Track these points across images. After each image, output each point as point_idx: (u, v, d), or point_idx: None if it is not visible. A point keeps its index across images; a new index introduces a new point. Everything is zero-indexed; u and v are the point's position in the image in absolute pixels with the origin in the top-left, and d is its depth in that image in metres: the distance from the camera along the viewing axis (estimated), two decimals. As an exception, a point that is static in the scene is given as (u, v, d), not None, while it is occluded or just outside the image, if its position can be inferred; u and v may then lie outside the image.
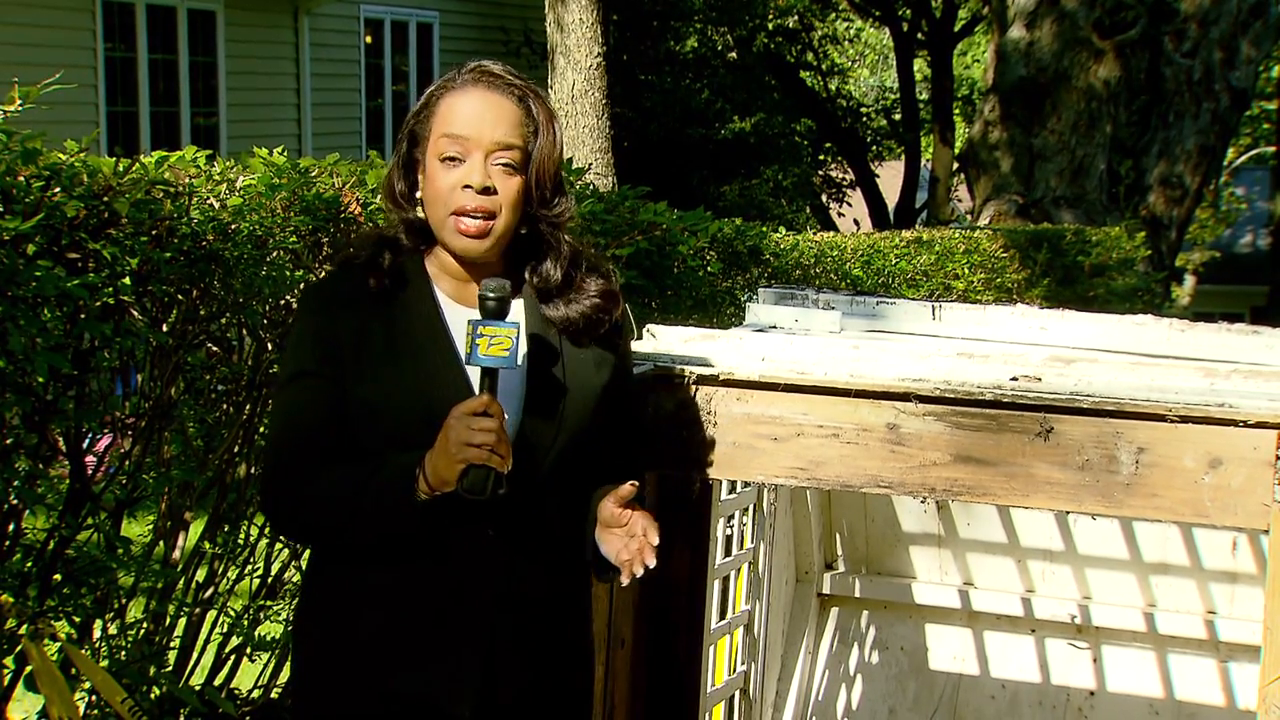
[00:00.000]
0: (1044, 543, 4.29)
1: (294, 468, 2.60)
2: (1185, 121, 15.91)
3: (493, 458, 2.46)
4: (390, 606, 2.62)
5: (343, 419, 2.59)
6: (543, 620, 2.69)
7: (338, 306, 2.65)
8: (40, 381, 3.48)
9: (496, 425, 2.46)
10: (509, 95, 2.63)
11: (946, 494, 2.90)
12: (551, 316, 2.69)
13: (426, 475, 2.49)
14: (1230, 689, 4.19)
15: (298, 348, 2.69)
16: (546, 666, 2.72)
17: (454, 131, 2.58)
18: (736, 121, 20.92)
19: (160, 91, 13.96)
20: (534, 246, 2.70)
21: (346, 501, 2.57)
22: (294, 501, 2.62)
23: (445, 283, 2.68)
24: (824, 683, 4.48)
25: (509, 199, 2.60)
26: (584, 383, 2.69)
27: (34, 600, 3.59)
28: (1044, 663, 4.37)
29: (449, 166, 2.58)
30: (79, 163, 3.54)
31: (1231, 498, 2.68)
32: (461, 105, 2.61)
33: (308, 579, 2.81)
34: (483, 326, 2.49)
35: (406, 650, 2.62)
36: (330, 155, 4.54)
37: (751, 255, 7.07)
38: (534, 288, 2.70)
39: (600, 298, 2.71)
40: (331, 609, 2.69)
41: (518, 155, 2.60)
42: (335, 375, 2.60)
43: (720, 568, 3.79)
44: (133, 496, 3.99)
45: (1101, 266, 13.18)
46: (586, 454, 2.70)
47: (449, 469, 2.47)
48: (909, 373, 2.93)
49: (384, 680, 2.63)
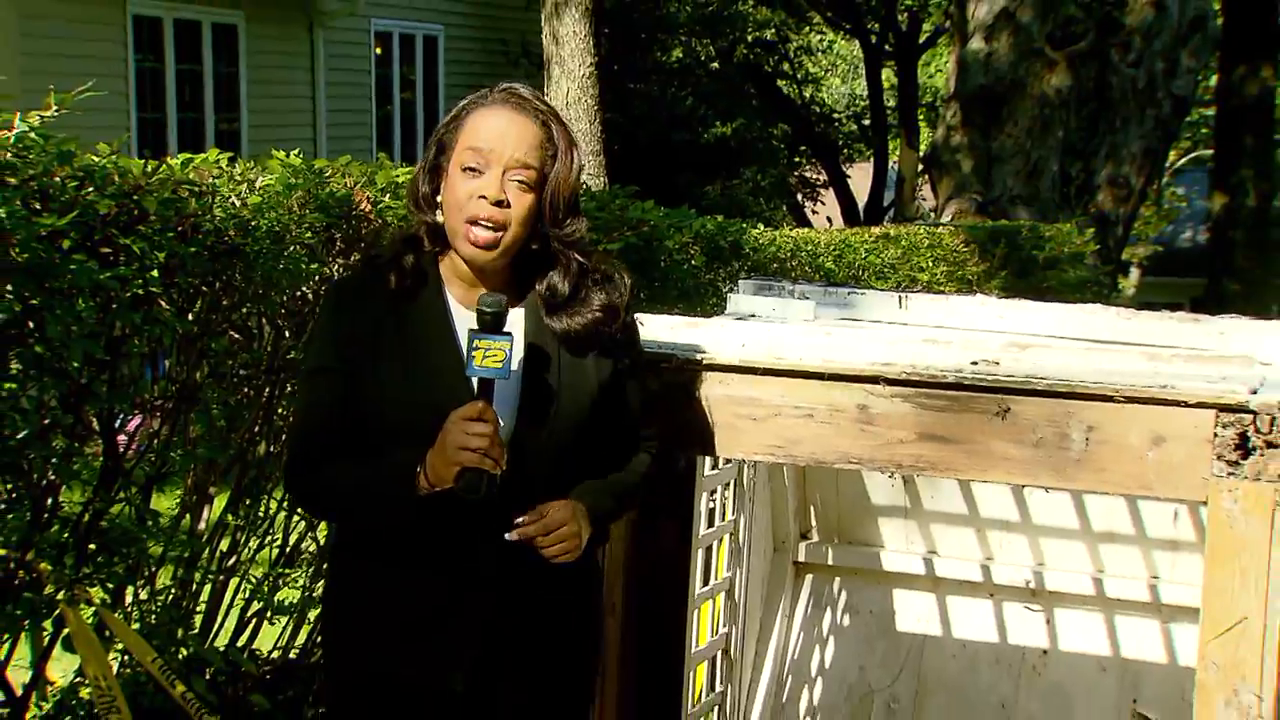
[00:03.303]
0: (1002, 514, 4.29)
1: (311, 456, 2.63)
2: (1130, 126, 15.90)
3: (485, 461, 2.47)
4: (394, 591, 2.64)
5: (357, 411, 2.60)
6: (541, 608, 2.69)
7: (359, 303, 2.66)
8: (75, 366, 3.47)
9: (490, 431, 2.47)
10: (534, 118, 2.62)
11: (912, 469, 2.89)
12: (554, 327, 2.68)
13: (426, 473, 2.51)
14: (1172, 648, 4.20)
15: (319, 342, 2.72)
16: (545, 652, 2.72)
17: (477, 145, 2.57)
18: (718, 126, 20.89)
19: (186, 99, 13.93)
20: (545, 261, 2.69)
21: (355, 490, 2.60)
22: (311, 486, 2.66)
23: (456, 286, 2.67)
24: (799, 643, 4.48)
25: (520, 215, 2.58)
26: (579, 391, 2.68)
27: (70, 568, 3.58)
28: (1001, 624, 4.37)
29: (469, 176, 2.57)
30: (110, 164, 3.53)
31: (1173, 472, 2.68)
32: (488, 121, 2.60)
33: (329, 566, 2.85)
34: (479, 339, 2.49)
35: (407, 630, 2.63)
36: (342, 157, 4.52)
37: (732, 250, 7.07)
38: (541, 299, 2.68)
39: (602, 312, 2.70)
40: (344, 593, 2.73)
41: (534, 175, 2.59)
42: (351, 370, 2.61)
43: (703, 538, 3.78)
44: (161, 472, 3.99)
45: (1054, 260, 13.18)
46: (582, 450, 2.69)
47: (445, 470, 2.48)
48: (878, 358, 2.93)
49: (386, 657, 2.65)
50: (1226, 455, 2.62)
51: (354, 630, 2.69)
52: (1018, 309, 3.62)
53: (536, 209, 2.60)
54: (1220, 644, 2.61)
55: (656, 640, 3.41)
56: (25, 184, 3.30)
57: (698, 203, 14.46)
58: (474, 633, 2.63)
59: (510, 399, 2.61)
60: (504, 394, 2.56)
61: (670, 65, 21.56)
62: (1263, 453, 2.60)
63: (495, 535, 2.59)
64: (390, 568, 2.64)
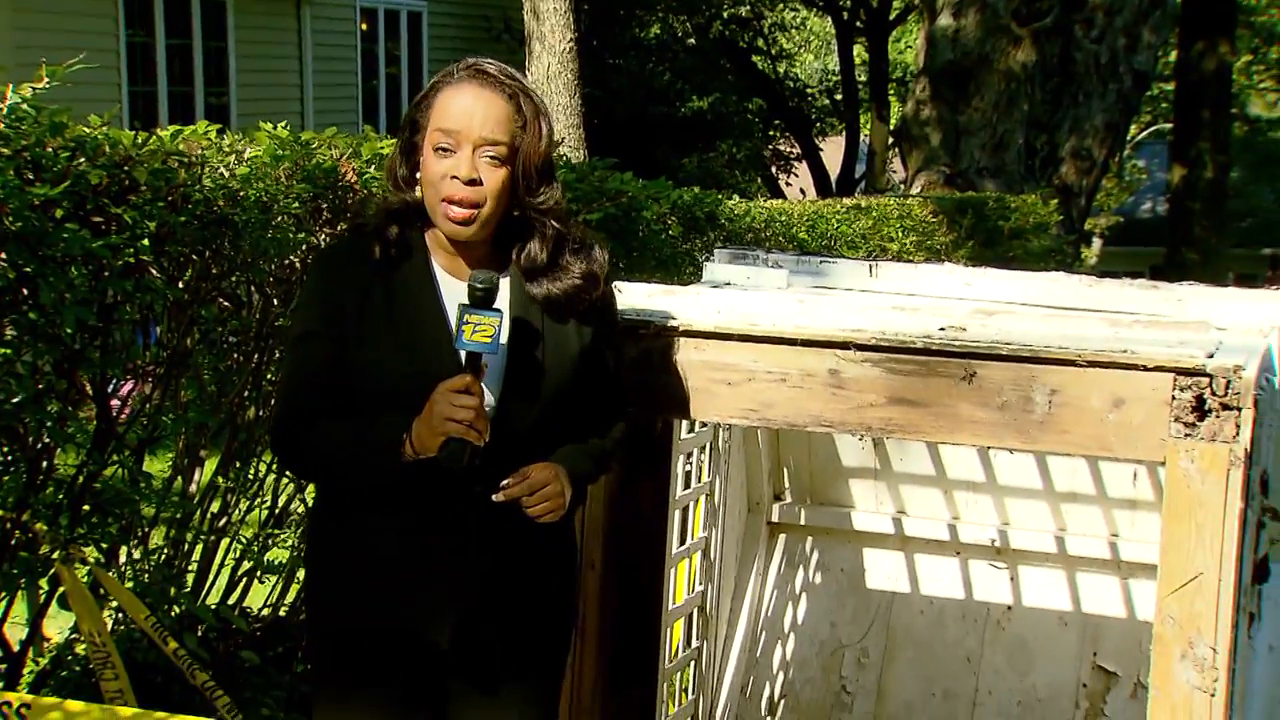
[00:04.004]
0: (968, 475, 4.30)
1: (300, 417, 2.61)
2: (1093, 100, 15.90)
3: (470, 432, 2.47)
4: (380, 550, 2.63)
5: (344, 376, 2.59)
6: (523, 566, 2.70)
7: (345, 271, 2.64)
8: (69, 332, 3.45)
9: (476, 403, 2.47)
10: (500, 92, 2.60)
11: (882, 432, 2.90)
12: (535, 294, 2.67)
13: (411, 440, 2.50)
14: (1131, 603, 4.22)
15: (307, 308, 2.70)
16: (526, 607, 2.73)
17: (446, 125, 2.56)
18: (695, 101, 20.82)
19: (176, 73, 13.83)
20: (523, 229, 2.68)
21: (341, 452, 2.58)
22: (298, 446, 2.64)
23: (442, 257, 2.66)
24: (773, 600, 4.49)
25: (494, 189, 2.57)
26: (562, 357, 2.68)
27: (65, 528, 3.57)
28: (967, 581, 4.38)
29: (441, 156, 2.56)
30: (101, 135, 3.51)
31: (1133, 433, 2.69)
32: (455, 100, 2.58)
33: (310, 525, 2.83)
34: (470, 314, 2.48)
35: (394, 588, 2.63)
36: (329, 129, 4.49)
37: (708, 220, 7.05)
38: (520, 267, 2.67)
39: (581, 279, 2.69)
40: (329, 551, 2.72)
41: (504, 150, 2.57)
42: (338, 335, 2.59)
43: (680, 499, 3.79)
44: (153, 436, 3.98)
45: (1019, 230, 13.18)
46: (564, 418, 2.69)
47: (431, 439, 2.48)
48: (848, 324, 2.92)
49: (374, 614, 2.64)
50: (1184, 417, 2.63)
51: (341, 588, 2.68)
52: (984, 277, 3.62)
53: (510, 181, 2.59)
54: (1177, 599, 2.62)
55: (635, 597, 3.41)
56: (18, 155, 3.28)
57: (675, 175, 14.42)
58: (459, 589, 2.63)
59: (497, 368, 2.60)
60: (491, 363, 2.56)
61: (648, 41, 21.48)
62: (1218, 414, 2.61)
63: (479, 496, 2.59)
64: (376, 527, 2.63)
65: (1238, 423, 2.60)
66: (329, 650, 2.73)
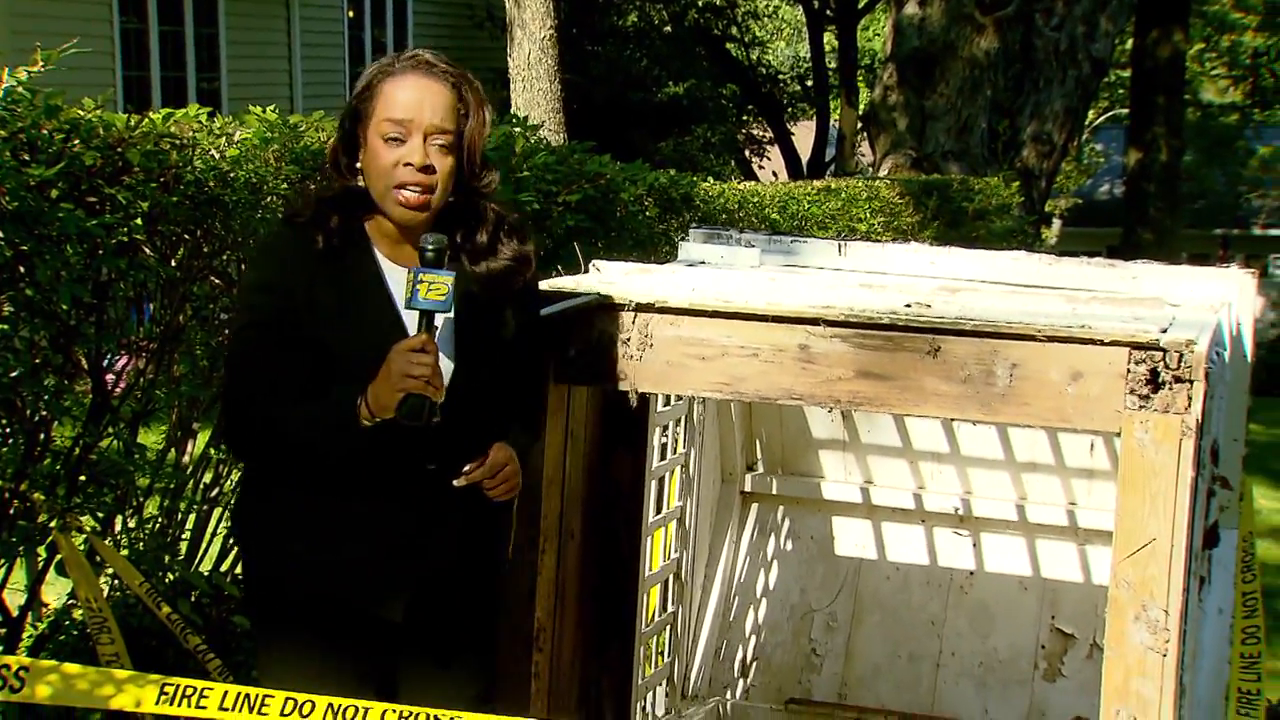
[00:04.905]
0: (932, 446, 4.31)
1: (253, 400, 2.57)
2: (1053, 87, 15.90)
3: (428, 388, 2.47)
4: (334, 525, 2.61)
5: (292, 361, 2.55)
6: (464, 540, 2.71)
7: (288, 262, 2.60)
8: (64, 309, 3.43)
9: (432, 360, 2.47)
10: (444, 82, 2.59)
11: (850, 404, 2.90)
12: (475, 272, 2.67)
13: (368, 403, 2.49)
14: (1088, 568, 4.25)
15: (251, 296, 2.65)
16: (465, 579, 2.74)
17: (396, 116, 2.55)
18: (671, 87, 20.77)
19: (169, 59, 13.73)
20: (461, 212, 2.68)
21: (299, 427, 2.55)
22: (253, 433, 2.60)
23: (384, 245, 2.65)
24: (745, 567, 4.51)
25: (444, 175, 2.58)
26: (499, 331, 2.70)
27: (62, 498, 3.55)
28: (932, 548, 4.40)
29: (392, 146, 2.55)
30: (96, 118, 3.48)
31: (1090, 405, 2.70)
32: (403, 91, 2.56)
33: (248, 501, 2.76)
34: (423, 274, 2.48)
35: (348, 564, 2.61)
36: (316, 113, 4.47)
37: (684, 202, 7.03)
38: (460, 248, 2.67)
39: (515, 260, 2.71)
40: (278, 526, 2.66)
41: (451, 137, 2.58)
42: (286, 323, 2.55)
43: (656, 470, 3.79)
44: (147, 409, 3.96)
45: (982, 211, 13.20)
46: (502, 391, 2.71)
47: (389, 397, 2.47)
48: (818, 300, 2.93)
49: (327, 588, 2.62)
50: (1139, 389, 2.64)
51: (290, 564, 2.64)
52: (948, 256, 3.63)
53: (457, 167, 2.60)
54: (1131, 563, 2.64)
55: (613, 564, 3.42)
56: (14, 136, 3.25)
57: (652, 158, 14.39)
58: (411, 565, 2.64)
59: (447, 339, 2.61)
60: (441, 335, 2.56)
61: (626, 28, 21.39)
62: (1171, 387, 2.62)
63: (432, 474, 2.61)
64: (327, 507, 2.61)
65: (1189, 395, 2.61)
66: (277, 618, 2.69)
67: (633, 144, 16.43)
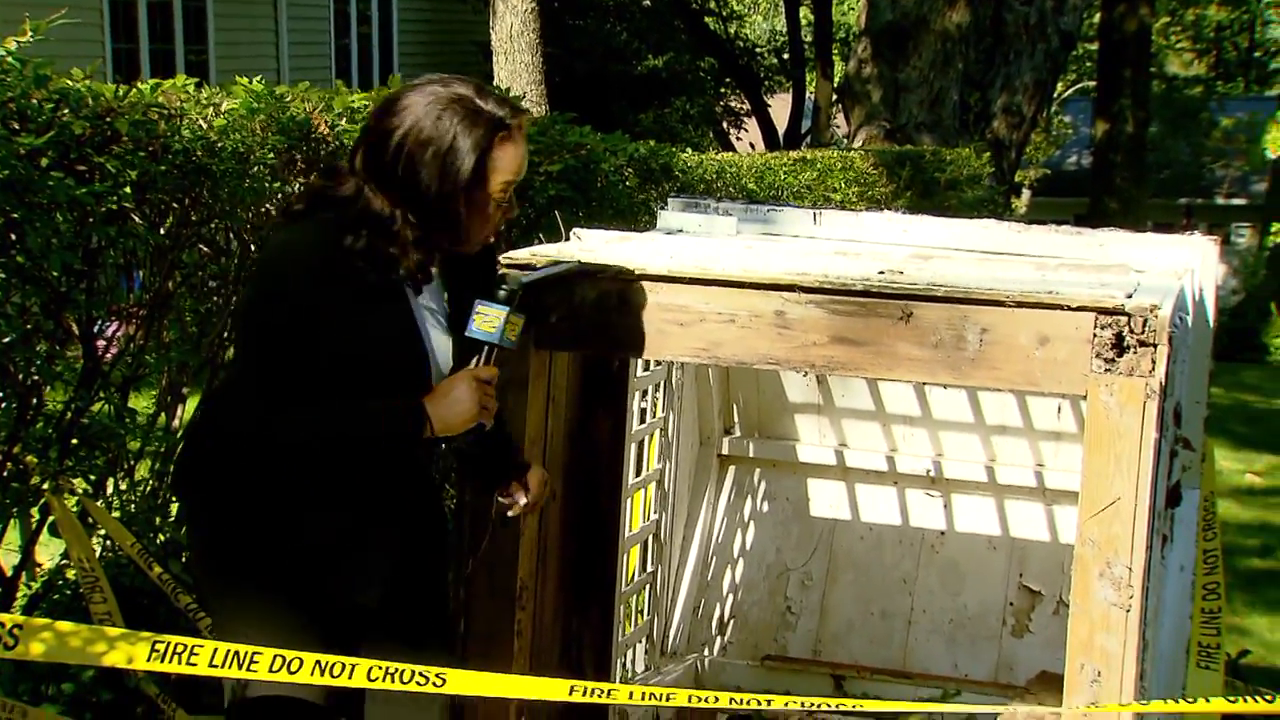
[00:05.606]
0: (905, 410, 4.33)
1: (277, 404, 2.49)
2: (1023, 60, 15.86)
3: (490, 417, 2.59)
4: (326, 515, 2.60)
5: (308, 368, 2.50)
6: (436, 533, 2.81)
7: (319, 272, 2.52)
8: (55, 275, 3.41)
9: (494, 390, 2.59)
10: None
11: (825, 369, 2.90)
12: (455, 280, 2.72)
13: (433, 422, 2.52)
14: (1054, 527, 4.27)
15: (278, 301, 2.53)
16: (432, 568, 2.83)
17: (511, 178, 2.57)
18: (651, 59, 20.67)
19: (158, 31, 13.62)
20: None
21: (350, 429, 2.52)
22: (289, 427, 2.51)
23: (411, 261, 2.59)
24: (723, 528, 4.52)
25: None
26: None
27: (55, 461, 3.54)
28: (904, 509, 4.42)
29: (501, 197, 2.57)
30: (85, 88, 3.45)
31: (1057, 369, 2.70)
32: (517, 155, 2.56)
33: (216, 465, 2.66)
34: (481, 305, 2.55)
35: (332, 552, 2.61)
36: (301, 83, 4.44)
37: (663, 172, 7.01)
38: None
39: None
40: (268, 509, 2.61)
41: None
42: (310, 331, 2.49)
43: (636, 433, 3.79)
44: (138, 374, 3.94)
45: (954, 181, 13.19)
46: None
47: (461, 424, 2.55)
48: (794, 268, 2.92)
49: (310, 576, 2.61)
50: (1104, 353, 2.65)
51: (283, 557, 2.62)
52: (921, 224, 3.62)
53: None
54: (1097, 522, 2.65)
55: (594, 526, 3.42)
56: (4, 105, 3.23)
57: (631, 129, 14.32)
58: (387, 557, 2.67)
59: (447, 351, 2.66)
60: (443, 349, 2.63)
61: (606, 2, 21.26)
62: (1136, 351, 2.63)
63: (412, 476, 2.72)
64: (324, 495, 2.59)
65: (1153, 359, 2.62)
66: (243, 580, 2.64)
67: (613, 116, 16.37)
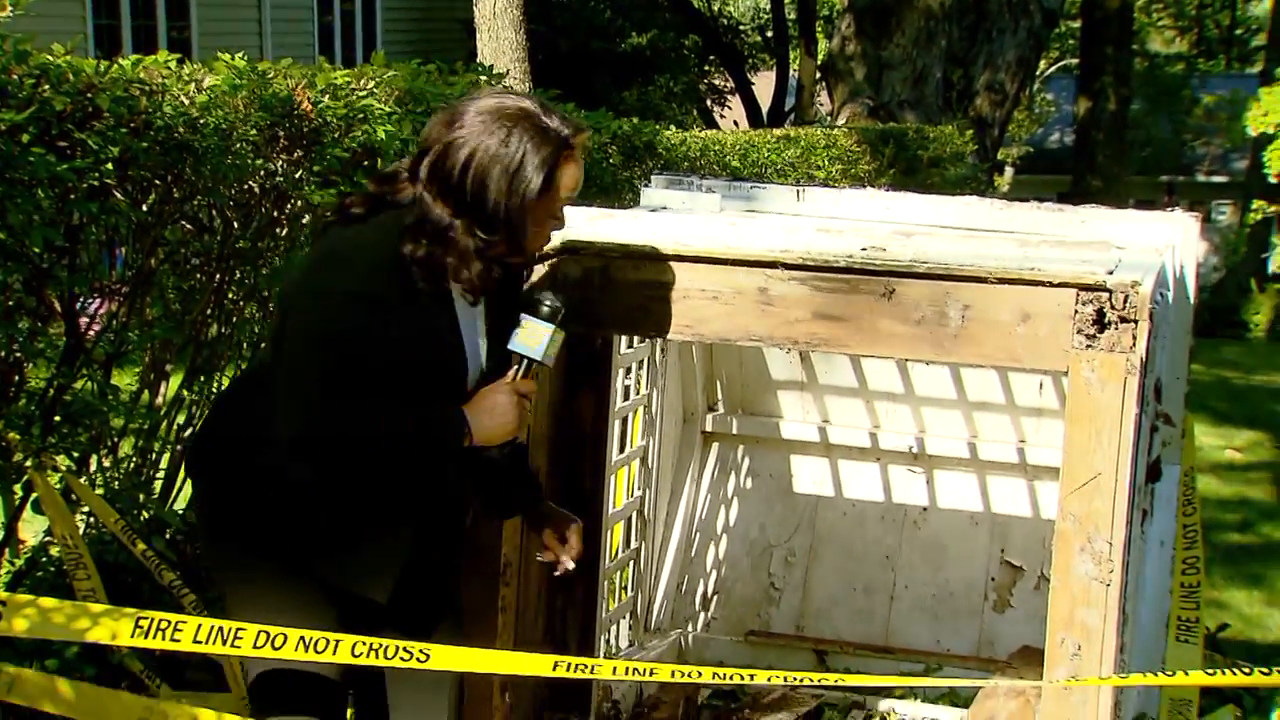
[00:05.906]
0: (887, 386, 4.33)
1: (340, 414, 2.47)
2: (1006, 37, 15.86)
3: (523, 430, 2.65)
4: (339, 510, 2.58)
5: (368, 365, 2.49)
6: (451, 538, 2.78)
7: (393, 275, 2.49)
8: (37, 252, 3.40)
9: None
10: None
11: (808, 345, 2.90)
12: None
13: (473, 433, 2.54)
14: (1036, 503, 4.28)
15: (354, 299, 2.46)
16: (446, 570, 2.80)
17: (567, 195, 2.57)
18: (634, 37, 20.61)
19: (140, 7, 13.52)
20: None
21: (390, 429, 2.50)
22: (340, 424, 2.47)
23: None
24: (706, 504, 4.52)
25: None
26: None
27: (38, 437, 3.53)
28: (887, 485, 4.43)
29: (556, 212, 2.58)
30: (65, 63, 3.42)
31: (1039, 345, 2.71)
32: (575, 173, 2.56)
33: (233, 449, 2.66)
34: (526, 320, 2.58)
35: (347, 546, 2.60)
36: (284, 59, 4.41)
37: (647, 149, 7.01)
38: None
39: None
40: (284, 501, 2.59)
41: None
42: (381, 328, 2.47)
43: (620, 410, 3.79)
44: (120, 351, 3.93)
45: (937, 159, 13.20)
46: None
47: (501, 436, 2.57)
48: (777, 245, 2.92)
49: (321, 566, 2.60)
50: (1085, 330, 2.65)
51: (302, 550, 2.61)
52: (903, 201, 3.62)
53: None
54: (1077, 497, 2.66)
55: (578, 501, 3.41)
56: (-16, 81, 3.20)
57: (615, 107, 14.28)
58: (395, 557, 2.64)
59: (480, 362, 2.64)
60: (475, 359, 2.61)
61: (590, -21, 21.20)
62: (1117, 327, 2.63)
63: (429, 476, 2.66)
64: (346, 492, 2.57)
65: (1134, 335, 2.62)
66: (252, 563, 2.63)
67: (596, 93, 16.31)
